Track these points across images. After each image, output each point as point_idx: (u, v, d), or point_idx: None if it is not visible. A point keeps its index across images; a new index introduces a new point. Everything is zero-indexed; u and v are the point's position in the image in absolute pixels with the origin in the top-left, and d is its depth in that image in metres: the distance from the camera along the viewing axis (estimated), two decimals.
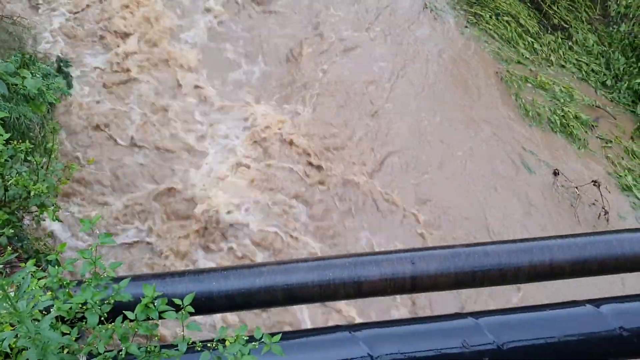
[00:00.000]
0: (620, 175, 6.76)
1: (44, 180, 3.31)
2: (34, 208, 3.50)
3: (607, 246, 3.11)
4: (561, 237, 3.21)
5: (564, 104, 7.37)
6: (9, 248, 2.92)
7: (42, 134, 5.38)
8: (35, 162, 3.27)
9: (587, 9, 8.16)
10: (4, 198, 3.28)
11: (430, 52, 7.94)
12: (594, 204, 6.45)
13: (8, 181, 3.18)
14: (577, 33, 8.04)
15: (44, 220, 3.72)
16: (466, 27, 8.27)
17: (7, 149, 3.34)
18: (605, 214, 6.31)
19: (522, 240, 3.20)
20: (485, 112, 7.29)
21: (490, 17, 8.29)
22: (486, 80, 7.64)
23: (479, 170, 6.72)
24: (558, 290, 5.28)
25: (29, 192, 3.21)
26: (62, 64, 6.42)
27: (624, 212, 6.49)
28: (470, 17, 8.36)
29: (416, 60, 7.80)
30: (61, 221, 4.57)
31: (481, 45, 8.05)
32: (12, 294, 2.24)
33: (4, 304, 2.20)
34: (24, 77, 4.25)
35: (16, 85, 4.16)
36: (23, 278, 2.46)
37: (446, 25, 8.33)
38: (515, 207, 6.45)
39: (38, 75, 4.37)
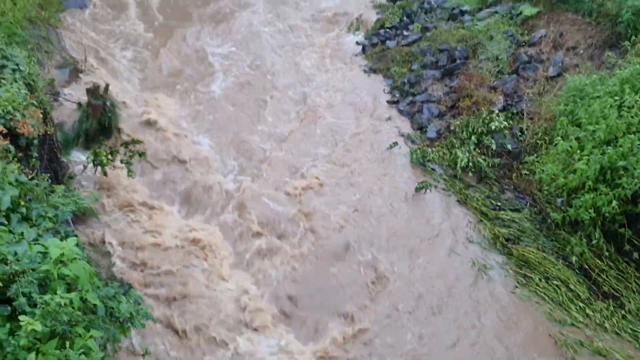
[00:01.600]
0: None
1: None
2: None
3: None
4: None
5: None
6: None
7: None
8: None
9: (637, 279, 8.38)
10: None
11: (481, 311, 8.16)
12: None
13: None
14: (630, 302, 8.13)
15: None
16: (516, 287, 8.57)
17: None
18: None
19: None
20: None
21: (540, 280, 8.60)
22: (540, 343, 7.63)
23: None
24: None
25: None
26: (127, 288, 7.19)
27: None
28: (519, 278, 8.70)
29: (469, 321, 8.02)
30: None
31: (533, 306, 8.22)
32: None
33: None
34: (119, 302, 4.71)
35: (112, 308, 4.59)
36: None
37: (495, 283, 8.66)
38: None
39: (131, 301, 4.80)
